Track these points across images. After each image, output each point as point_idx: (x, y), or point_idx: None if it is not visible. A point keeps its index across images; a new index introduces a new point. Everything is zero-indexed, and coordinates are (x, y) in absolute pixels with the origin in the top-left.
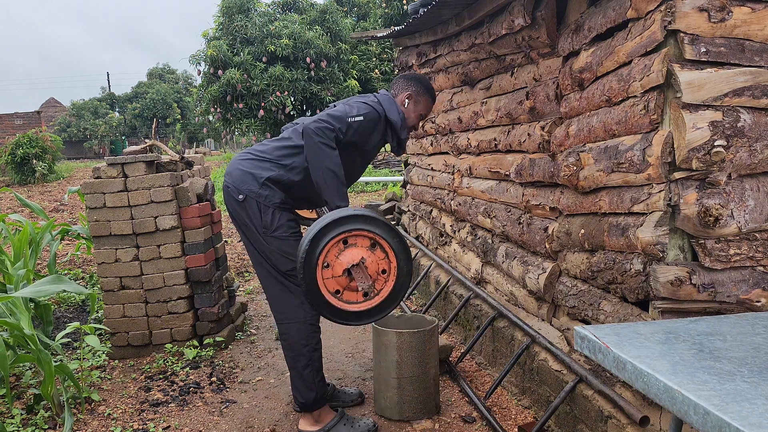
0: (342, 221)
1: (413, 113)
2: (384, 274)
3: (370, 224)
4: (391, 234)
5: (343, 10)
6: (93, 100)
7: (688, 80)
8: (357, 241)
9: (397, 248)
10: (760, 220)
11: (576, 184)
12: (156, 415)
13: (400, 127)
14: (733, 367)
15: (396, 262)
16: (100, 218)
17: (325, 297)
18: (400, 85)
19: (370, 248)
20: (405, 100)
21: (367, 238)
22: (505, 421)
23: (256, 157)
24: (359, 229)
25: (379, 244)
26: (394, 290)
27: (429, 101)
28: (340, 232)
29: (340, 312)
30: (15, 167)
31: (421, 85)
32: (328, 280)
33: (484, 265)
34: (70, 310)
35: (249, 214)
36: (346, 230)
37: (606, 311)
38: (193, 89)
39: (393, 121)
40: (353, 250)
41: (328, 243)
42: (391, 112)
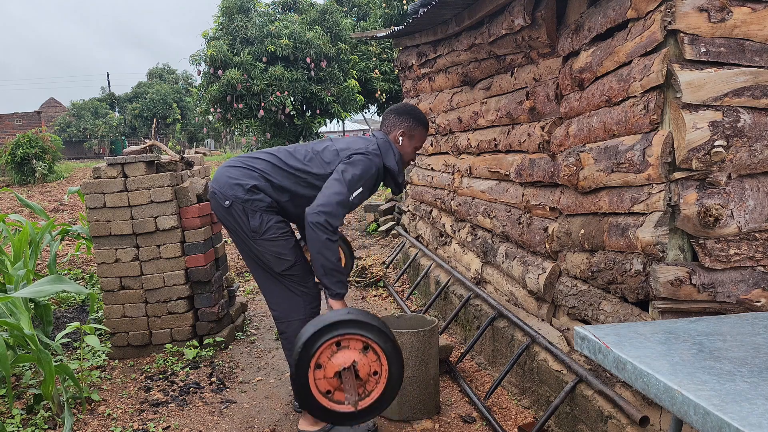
0: (337, 325)
1: (409, 148)
2: (375, 375)
3: (363, 329)
4: (383, 338)
5: (343, 10)
6: (93, 100)
7: (688, 80)
8: (350, 344)
9: (388, 352)
10: (760, 220)
11: (576, 184)
12: (156, 415)
13: (397, 172)
14: (733, 367)
15: (387, 365)
16: (100, 218)
17: (316, 398)
18: (393, 122)
19: (363, 351)
20: (399, 138)
21: (360, 341)
22: (505, 421)
23: (244, 166)
24: (353, 333)
25: (372, 347)
26: (385, 392)
27: (423, 133)
28: (334, 336)
29: (330, 412)
30: (15, 167)
31: (414, 118)
32: (320, 381)
33: (484, 265)
34: (70, 310)
35: (237, 220)
36: (340, 334)
37: (606, 311)
38: (193, 89)
39: (390, 168)
40: (346, 352)
41: (322, 345)
42: (388, 159)
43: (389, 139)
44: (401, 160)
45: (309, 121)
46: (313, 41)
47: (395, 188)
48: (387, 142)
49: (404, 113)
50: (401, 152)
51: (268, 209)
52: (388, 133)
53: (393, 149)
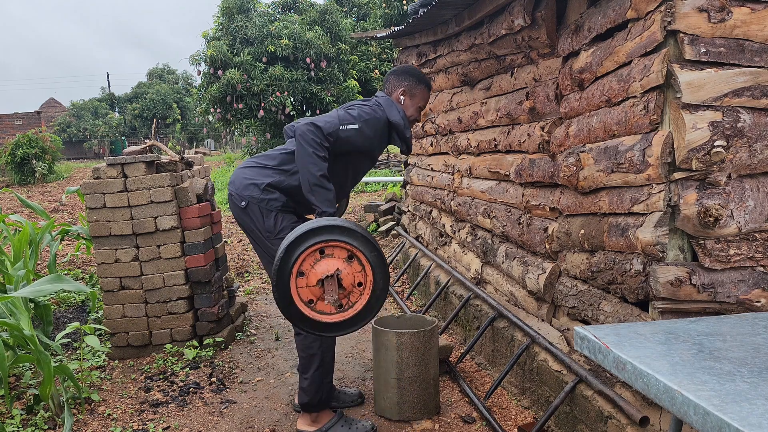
0: (320, 231)
1: (411, 107)
2: (360, 287)
3: (348, 236)
4: (368, 247)
5: (343, 11)
6: (93, 100)
7: (688, 80)
8: (334, 252)
9: (374, 261)
10: (759, 220)
11: (576, 185)
12: (156, 416)
13: (404, 127)
14: (733, 367)
15: (372, 275)
16: (100, 218)
17: (298, 306)
18: (393, 83)
19: (347, 260)
20: (401, 98)
21: (345, 250)
22: (505, 421)
23: (258, 165)
24: (337, 240)
25: (356, 256)
26: (369, 303)
27: (425, 91)
28: (317, 242)
29: (312, 322)
30: (15, 167)
31: (414, 77)
32: (302, 289)
33: (484, 266)
34: (70, 310)
35: (253, 220)
36: (323, 240)
37: (606, 311)
38: (193, 89)
39: (395, 122)
40: (329, 260)
41: (304, 252)
42: (392, 113)
43: (392, 100)
44: (406, 118)
45: None
46: (313, 41)
47: (403, 145)
48: (388, 100)
49: (404, 73)
50: (405, 112)
51: (283, 209)
52: (390, 94)
53: (395, 106)
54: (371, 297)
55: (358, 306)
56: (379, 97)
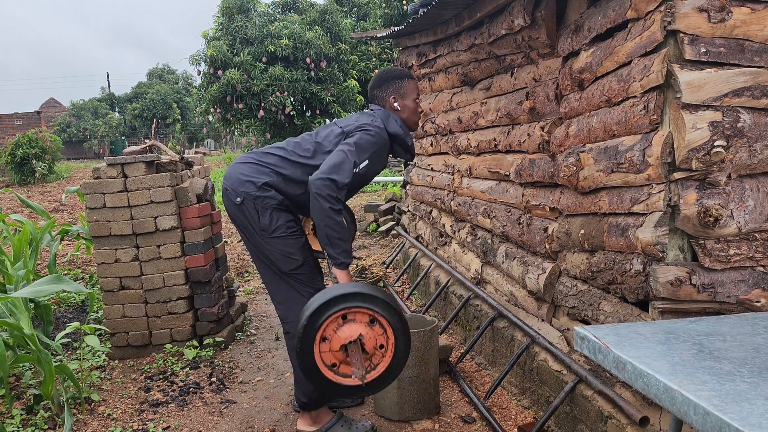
0: (343, 298)
1: (409, 106)
2: (382, 349)
3: (369, 302)
4: (390, 311)
5: (343, 11)
6: (93, 100)
7: (688, 80)
8: (356, 317)
9: (395, 325)
10: (759, 220)
11: (576, 185)
12: (156, 416)
13: (404, 135)
14: (733, 367)
15: (394, 338)
16: (100, 218)
17: (321, 371)
18: (379, 95)
19: (369, 324)
20: (394, 104)
21: (366, 315)
22: (505, 421)
23: (256, 162)
24: (359, 306)
25: (378, 320)
26: (391, 365)
27: (411, 83)
28: (340, 309)
29: (335, 385)
30: (15, 167)
31: (394, 78)
32: (325, 354)
33: (484, 266)
34: (70, 310)
35: (247, 217)
36: (346, 307)
37: (606, 311)
38: (192, 89)
39: (395, 133)
40: (352, 325)
41: (328, 318)
42: (391, 125)
43: (387, 111)
44: (405, 124)
45: (309, 121)
46: (313, 41)
47: (407, 154)
48: (385, 112)
49: (383, 81)
50: (404, 115)
51: (279, 207)
52: (383, 105)
53: (393, 117)
54: (393, 359)
55: (380, 368)
56: (375, 111)
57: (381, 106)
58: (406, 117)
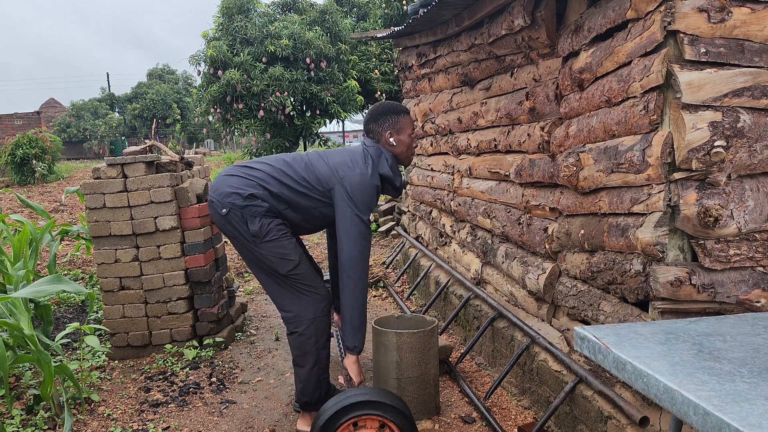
0: (355, 407)
1: (404, 140)
2: None
3: (380, 410)
4: (399, 417)
5: (343, 11)
6: (93, 100)
7: (688, 81)
8: (367, 423)
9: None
10: (759, 220)
11: (576, 185)
12: (156, 416)
13: (393, 177)
14: (732, 367)
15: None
16: (100, 219)
17: None
18: (375, 130)
19: (379, 429)
20: (389, 139)
21: (377, 420)
22: (505, 421)
23: (243, 175)
24: (369, 414)
25: (388, 425)
26: None
27: (407, 118)
28: (351, 417)
29: None
30: (15, 168)
31: (391, 113)
32: None
33: (484, 266)
34: (70, 310)
35: (235, 227)
36: (357, 415)
37: (606, 312)
38: (192, 90)
39: (386, 175)
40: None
41: (339, 427)
42: (383, 167)
43: (380, 146)
44: (399, 159)
45: (309, 122)
46: (313, 42)
47: (393, 192)
48: (378, 149)
49: (380, 115)
50: (398, 150)
51: (267, 214)
52: (377, 141)
53: (384, 155)
54: None
55: None
56: (368, 148)
57: (376, 140)
58: (400, 152)
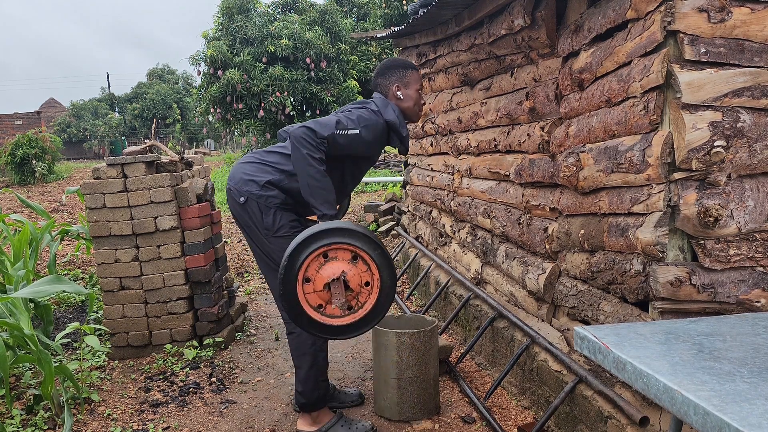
0: (320, 235)
1: (411, 95)
2: (367, 286)
3: (349, 237)
4: (371, 246)
5: (342, 11)
6: (93, 100)
7: (688, 81)
8: (338, 255)
9: (379, 260)
10: (759, 220)
11: (576, 185)
12: (156, 416)
13: (399, 125)
14: (732, 367)
15: (378, 273)
16: (100, 219)
17: (307, 312)
18: (382, 83)
19: (352, 261)
20: (397, 92)
21: (348, 251)
22: (505, 421)
23: (258, 161)
24: (338, 242)
25: (361, 256)
26: (379, 302)
27: (415, 73)
28: (319, 246)
29: (323, 326)
30: (15, 168)
31: (398, 67)
32: (310, 295)
33: (484, 266)
34: (70, 310)
35: (251, 216)
36: (325, 244)
37: (606, 311)
38: (192, 90)
39: (391, 121)
40: (334, 263)
41: (308, 258)
42: (388, 113)
43: (387, 99)
44: (405, 113)
45: None
46: (313, 42)
47: (401, 145)
48: (384, 100)
49: (387, 69)
50: (405, 104)
51: (282, 207)
52: (385, 94)
53: (391, 105)
54: (380, 295)
55: (367, 306)
56: (375, 98)
57: (383, 94)
58: (407, 106)
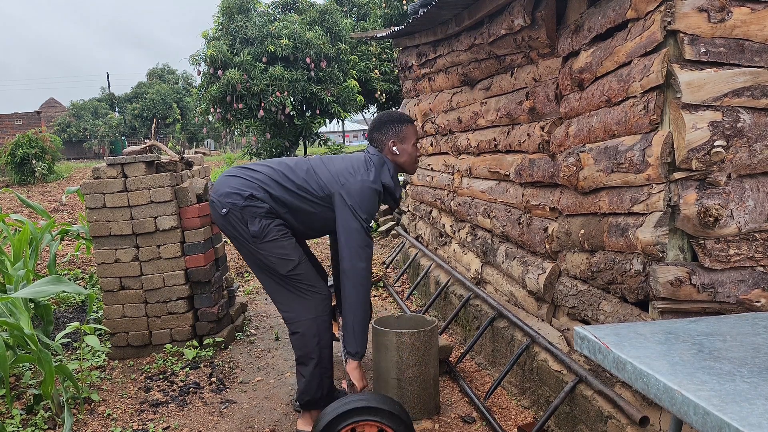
0: (353, 413)
1: (407, 150)
2: None
3: (378, 415)
4: (396, 422)
5: (343, 11)
6: (93, 100)
7: (688, 80)
8: (365, 429)
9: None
10: (759, 220)
11: (576, 185)
12: (156, 416)
13: (394, 188)
14: (732, 367)
15: None
16: (100, 218)
17: None
18: (379, 139)
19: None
20: (393, 148)
21: (375, 427)
22: (504, 421)
23: (245, 177)
24: (367, 419)
25: (386, 431)
26: None
27: (411, 127)
28: (349, 423)
29: None
30: (15, 167)
31: (395, 123)
32: None
33: (484, 266)
34: (70, 310)
35: (235, 227)
36: (355, 421)
37: (606, 311)
38: (192, 89)
39: (387, 185)
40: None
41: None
42: (384, 177)
43: (383, 155)
44: (402, 167)
45: (309, 122)
46: (313, 41)
47: (392, 203)
48: (381, 158)
49: (384, 124)
50: (402, 159)
51: (267, 215)
52: (381, 150)
53: (387, 165)
54: None
55: None
56: (371, 156)
57: (380, 149)
58: (403, 161)
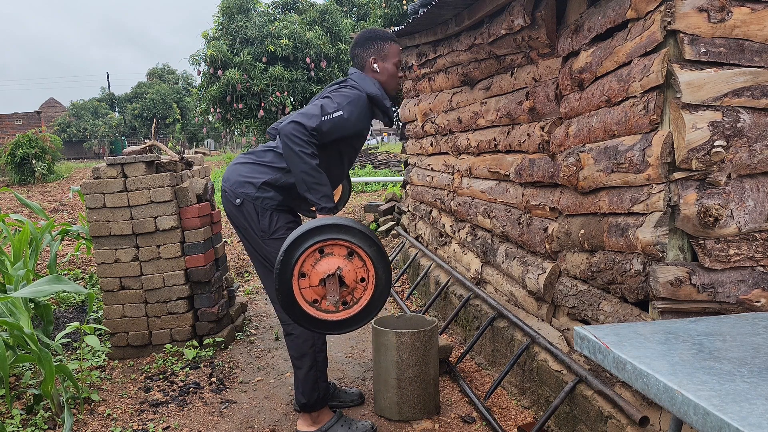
0: (317, 231)
1: (388, 69)
2: (363, 282)
3: (345, 233)
4: (367, 242)
5: (342, 11)
6: (93, 100)
7: (688, 80)
8: (333, 250)
9: (374, 256)
10: (759, 220)
11: (576, 185)
12: (156, 416)
13: (381, 97)
14: (732, 367)
15: (374, 270)
16: (100, 218)
17: (302, 307)
18: (360, 55)
19: (347, 257)
20: (374, 65)
21: (344, 247)
22: (504, 421)
23: (254, 161)
24: (335, 238)
25: (356, 252)
26: (374, 298)
27: (394, 46)
28: (316, 242)
29: (318, 321)
30: (15, 167)
31: (377, 39)
32: (305, 290)
33: (484, 266)
34: (70, 310)
35: (246, 218)
36: (321, 240)
37: (606, 311)
38: (192, 89)
39: (373, 95)
40: (330, 259)
41: (303, 253)
42: (368, 87)
43: (363, 73)
44: (382, 86)
45: None
46: (313, 41)
47: (385, 117)
48: (361, 74)
49: (366, 40)
50: (382, 78)
51: (279, 208)
52: (362, 68)
53: (369, 78)
54: (375, 291)
55: (362, 301)
56: (351, 75)
57: (360, 66)
58: (384, 80)
